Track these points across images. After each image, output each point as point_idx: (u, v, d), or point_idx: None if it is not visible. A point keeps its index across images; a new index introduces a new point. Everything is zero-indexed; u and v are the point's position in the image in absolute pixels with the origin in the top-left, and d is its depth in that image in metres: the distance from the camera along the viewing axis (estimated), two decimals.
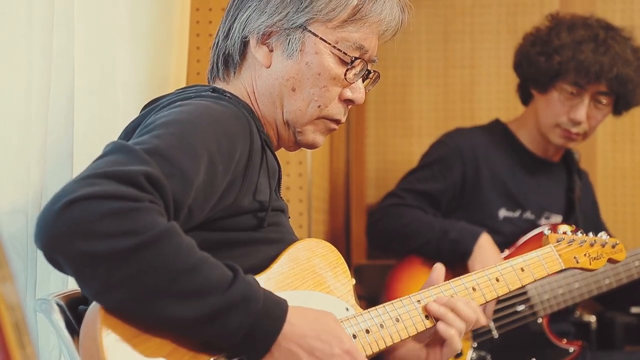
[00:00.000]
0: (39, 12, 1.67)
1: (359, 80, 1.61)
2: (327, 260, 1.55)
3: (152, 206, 1.25)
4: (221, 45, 1.61)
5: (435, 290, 1.61)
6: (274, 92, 1.58)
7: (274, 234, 1.51)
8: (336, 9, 1.55)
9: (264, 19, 1.56)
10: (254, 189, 1.46)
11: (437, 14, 3.57)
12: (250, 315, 1.29)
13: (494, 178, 2.77)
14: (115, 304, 1.26)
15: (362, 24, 1.57)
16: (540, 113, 2.77)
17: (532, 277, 1.70)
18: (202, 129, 1.38)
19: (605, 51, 2.65)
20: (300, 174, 2.69)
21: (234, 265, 1.33)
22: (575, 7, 3.58)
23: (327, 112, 1.59)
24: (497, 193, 2.76)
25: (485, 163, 2.77)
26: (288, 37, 1.55)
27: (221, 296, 1.28)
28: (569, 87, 2.69)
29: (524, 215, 2.77)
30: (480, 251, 2.60)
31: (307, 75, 1.56)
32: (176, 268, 1.25)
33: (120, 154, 1.29)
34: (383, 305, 1.55)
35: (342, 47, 1.56)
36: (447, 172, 2.77)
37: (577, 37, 2.68)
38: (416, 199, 2.76)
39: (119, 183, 1.24)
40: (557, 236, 1.79)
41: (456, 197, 2.77)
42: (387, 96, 3.63)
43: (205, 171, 1.35)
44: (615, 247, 1.87)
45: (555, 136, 2.75)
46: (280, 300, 1.35)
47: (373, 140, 3.66)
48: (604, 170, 3.64)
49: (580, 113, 2.69)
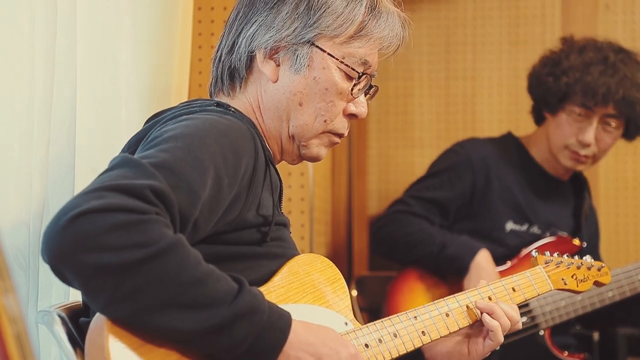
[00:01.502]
0: (41, 21, 1.67)
1: (362, 95, 1.63)
2: (326, 275, 1.57)
3: (158, 218, 1.25)
4: (225, 60, 1.62)
5: (430, 307, 1.63)
6: (280, 106, 1.59)
7: (277, 248, 1.52)
8: (343, 25, 1.57)
9: (272, 34, 1.57)
10: (258, 203, 1.47)
11: (438, 26, 3.58)
12: (255, 326, 1.30)
13: (504, 190, 2.77)
14: (123, 316, 1.26)
15: (367, 40, 1.59)
16: (550, 134, 2.78)
17: (523, 297, 1.74)
18: (208, 143, 1.38)
19: (614, 73, 2.66)
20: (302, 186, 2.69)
21: (240, 278, 1.33)
22: (577, 20, 3.59)
23: (333, 126, 1.61)
24: (506, 205, 2.76)
25: (495, 174, 2.77)
26: (296, 53, 1.57)
27: (227, 308, 1.28)
28: (576, 109, 2.70)
29: (530, 230, 2.77)
30: (477, 269, 2.61)
31: (315, 90, 1.57)
32: (183, 280, 1.25)
33: (127, 168, 1.30)
34: (381, 321, 1.57)
35: (349, 62, 1.58)
36: (456, 180, 2.77)
37: (586, 59, 2.69)
38: (423, 207, 2.76)
39: (125, 196, 1.24)
40: (546, 258, 1.83)
41: (464, 206, 2.77)
42: (388, 107, 3.64)
43: (212, 185, 1.35)
44: (601, 270, 1.91)
45: (564, 158, 2.76)
46: (284, 312, 1.36)
47: (375, 151, 3.66)
48: (606, 182, 3.63)
49: (588, 135, 2.69)
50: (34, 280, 1.70)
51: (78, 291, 1.29)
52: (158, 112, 1.57)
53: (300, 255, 1.56)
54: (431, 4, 3.62)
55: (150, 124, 1.51)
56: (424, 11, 3.59)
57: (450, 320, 1.63)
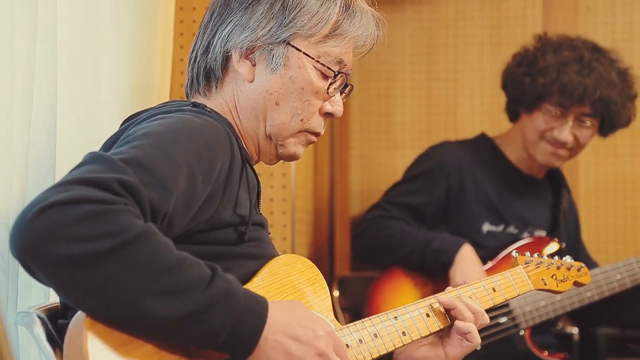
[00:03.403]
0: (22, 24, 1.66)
1: (337, 94, 1.64)
2: (306, 276, 1.57)
3: (127, 208, 1.25)
4: (200, 60, 1.62)
5: (411, 307, 1.64)
6: (257, 106, 1.60)
7: (255, 249, 1.52)
8: (318, 24, 1.58)
9: (247, 34, 1.58)
10: (235, 202, 1.47)
11: (420, 27, 3.59)
12: (233, 311, 1.30)
13: (479, 192, 2.79)
14: (97, 308, 1.25)
15: (342, 39, 1.60)
16: (525, 131, 2.80)
17: (503, 297, 1.75)
18: (181, 141, 1.39)
19: (590, 73, 2.68)
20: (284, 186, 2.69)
21: (213, 265, 1.33)
22: (558, 21, 3.61)
23: (309, 125, 1.62)
24: (481, 207, 2.78)
25: (470, 177, 2.79)
26: (271, 52, 1.58)
27: (202, 293, 1.28)
28: (553, 109, 2.72)
29: (507, 230, 2.79)
30: (462, 262, 2.62)
31: (291, 90, 1.58)
32: (156, 267, 1.25)
33: (97, 164, 1.30)
34: (362, 321, 1.57)
35: (324, 61, 1.59)
36: (431, 185, 2.78)
37: (562, 58, 2.71)
38: (401, 212, 2.77)
39: (92, 188, 1.24)
40: (526, 258, 1.85)
41: (440, 210, 2.78)
42: (370, 108, 3.64)
43: (185, 181, 1.35)
44: (580, 270, 1.93)
45: (541, 154, 2.78)
46: (259, 297, 1.36)
47: (357, 152, 3.67)
48: (586, 184, 3.66)
49: (564, 134, 2.72)
50: (14, 282, 1.69)
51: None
52: (134, 113, 1.57)
53: (280, 256, 1.57)
54: (413, 5, 3.63)
55: (126, 125, 1.51)
56: (406, 12, 3.60)
57: (430, 320, 1.64)
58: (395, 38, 3.61)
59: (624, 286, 2.74)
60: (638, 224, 2.95)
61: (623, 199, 3.63)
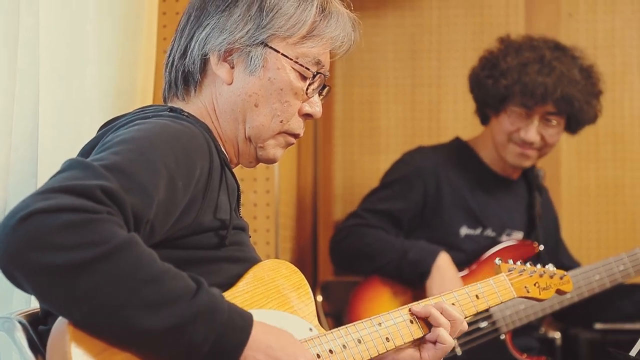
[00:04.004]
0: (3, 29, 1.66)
1: (316, 95, 1.65)
2: (291, 281, 1.58)
3: (110, 217, 1.25)
4: (178, 64, 1.62)
5: (395, 314, 1.64)
6: (236, 108, 1.60)
7: (237, 252, 1.52)
8: (296, 25, 1.59)
9: (225, 36, 1.58)
10: (215, 206, 1.47)
11: (404, 33, 3.60)
12: (215, 326, 1.29)
13: (455, 196, 2.80)
14: (80, 317, 1.25)
15: (319, 39, 1.61)
16: (494, 133, 2.82)
17: (486, 304, 1.76)
18: (160, 146, 1.39)
19: (550, 72, 2.70)
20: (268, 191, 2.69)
21: (198, 277, 1.33)
22: (540, 27, 3.63)
23: (289, 126, 1.63)
24: (458, 211, 2.79)
25: (446, 181, 2.80)
26: (250, 54, 1.58)
27: (186, 306, 1.28)
28: (517, 109, 2.75)
29: (484, 233, 2.80)
30: (439, 272, 2.63)
31: (270, 91, 1.59)
32: (139, 278, 1.25)
33: (77, 170, 1.29)
34: (346, 327, 1.57)
35: (302, 62, 1.60)
36: (408, 191, 2.79)
37: (522, 59, 2.74)
38: (378, 219, 2.78)
39: (75, 196, 1.24)
40: (509, 266, 1.86)
41: (417, 215, 2.79)
42: (354, 113, 3.65)
43: (165, 187, 1.35)
44: (563, 278, 1.94)
45: (510, 155, 2.80)
46: (244, 313, 1.36)
47: (340, 157, 3.67)
48: (568, 188, 3.67)
49: (530, 134, 2.74)
50: None
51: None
52: (111, 119, 1.57)
53: (265, 261, 1.57)
54: (396, 11, 3.64)
55: (104, 131, 1.51)
56: (389, 18, 3.61)
57: (414, 327, 1.64)
58: (378, 44, 3.62)
59: (603, 286, 2.76)
60: (620, 229, 2.96)
61: (605, 204, 3.65)
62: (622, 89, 3.73)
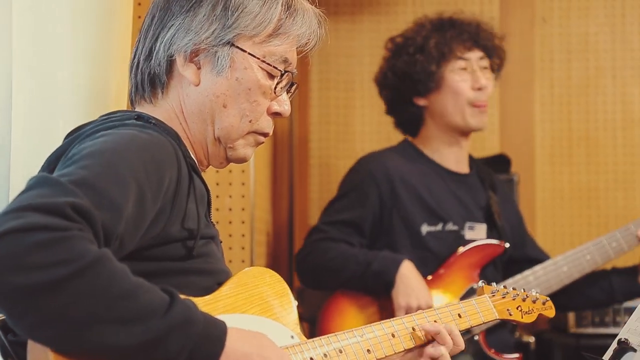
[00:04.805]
0: None
1: (284, 93, 1.64)
2: (274, 289, 1.57)
3: (81, 234, 1.23)
4: (143, 67, 1.61)
5: (377, 327, 1.64)
6: (204, 109, 1.59)
7: (204, 264, 1.51)
8: (262, 23, 1.58)
9: (191, 37, 1.57)
10: (183, 216, 1.46)
11: (379, 37, 3.60)
12: (192, 337, 1.28)
13: (411, 196, 2.81)
14: (53, 338, 1.23)
15: (286, 37, 1.61)
16: (445, 108, 2.84)
17: (468, 323, 1.78)
18: (128, 158, 1.37)
19: (462, 24, 2.82)
20: (243, 196, 2.68)
21: (170, 289, 1.32)
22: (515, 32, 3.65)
23: (258, 126, 1.62)
24: (417, 210, 2.80)
25: (400, 182, 2.81)
26: (216, 54, 1.57)
27: (160, 320, 1.26)
28: (458, 63, 2.80)
29: (446, 227, 2.81)
30: (402, 281, 2.63)
31: (238, 91, 1.58)
32: (112, 294, 1.23)
33: (45, 187, 1.27)
34: (328, 336, 1.58)
35: (270, 60, 1.60)
36: (364, 198, 2.80)
37: (428, 29, 2.83)
38: (339, 231, 2.78)
39: (45, 214, 1.22)
40: (492, 288, 1.87)
41: (378, 221, 2.80)
42: (330, 118, 3.65)
43: (135, 200, 1.33)
44: (545, 304, 1.95)
45: (471, 117, 2.83)
46: (218, 322, 1.34)
47: (316, 161, 3.67)
48: (542, 192, 3.70)
49: (482, 80, 2.81)
50: None
51: None
52: (77, 127, 1.54)
53: (249, 268, 1.57)
54: (372, 15, 3.64)
55: (69, 140, 1.49)
56: (364, 23, 3.62)
57: (395, 340, 1.65)
58: (354, 48, 3.62)
59: (571, 277, 2.78)
60: (594, 232, 2.99)
61: (579, 207, 3.68)
62: (595, 94, 3.76)
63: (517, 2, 3.75)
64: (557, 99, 3.77)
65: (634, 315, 1.79)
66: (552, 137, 3.77)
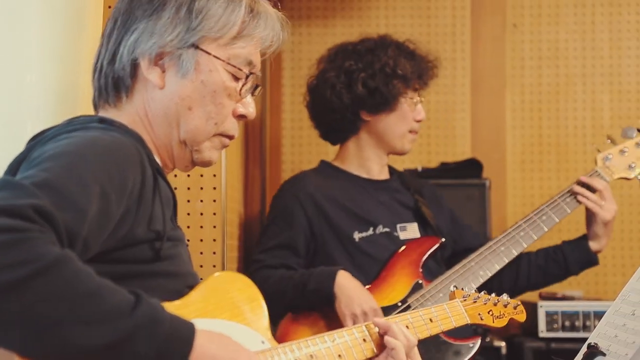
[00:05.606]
0: None
1: (249, 96, 1.65)
2: (245, 294, 1.57)
3: (42, 235, 1.22)
4: (107, 70, 1.60)
5: (348, 332, 1.65)
6: (169, 112, 1.58)
7: (171, 267, 1.50)
8: (225, 26, 1.59)
9: (155, 40, 1.57)
10: (148, 218, 1.45)
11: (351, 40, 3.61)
12: (157, 338, 1.27)
13: (337, 208, 2.84)
14: (16, 341, 1.21)
15: (250, 39, 1.62)
16: (388, 130, 2.87)
17: (439, 328, 1.79)
18: (91, 160, 1.36)
19: (421, 59, 2.89)
20: (214, 200, 2.67)
21: (136, 290, 1.30)
22: (486, 38, 3.68)
23: (223, 128, 1.62)
24: (345, 220, 2.83)
25: (323, 198, 2.84)
26: (181, 57, 1.57)
27: (126, 320, 1.25)
28: (413, 95, 2.86)
29: (377, 231, 2.83)
30: (342, 292, 2.64)
31: (204, 93, 1.58)
32: (76, 294, 1.22)
33: (5, 190, 1.25)
34: (298, 341, 1.58)
35: (234, 63, 1.60)
36: (290, 220, 2.83)
37: (395, 52, 2.86)
38: (275, 256, 2.80)
39: (5, 217, 1.20)
40: (463, 293, 1.88)
41: (310, 240, 2.83)
42: (302, 122, 3.65)
43: (98, 201, 1.32)
44: (517, 308, 1.96)
45: (408, 143, 2.89)
46: (186, 323, 1.33)
47: (289, 166, 3.67)
48: (513, 198, 3.72)
49: (422, 112, 2.89)
50: None
51: None
52: (40, 131, 1.53)
53: (220, 272, 1.57)
54: (344, 20, 3.65)
55: (32, 144, 1.48)
56: (337, 27, 3.62)
57: (367, 345, 1.66)
58: None
59: (511, 255, 2.80)
60: (564, 238, 3.00)
61: None
62: (565, 100, 3.79)
63: (489, 8, 3.78)
64: (527, 105, 3.80)
65: (604, 319, 1.80)
66: (523, 144, 3.79)
